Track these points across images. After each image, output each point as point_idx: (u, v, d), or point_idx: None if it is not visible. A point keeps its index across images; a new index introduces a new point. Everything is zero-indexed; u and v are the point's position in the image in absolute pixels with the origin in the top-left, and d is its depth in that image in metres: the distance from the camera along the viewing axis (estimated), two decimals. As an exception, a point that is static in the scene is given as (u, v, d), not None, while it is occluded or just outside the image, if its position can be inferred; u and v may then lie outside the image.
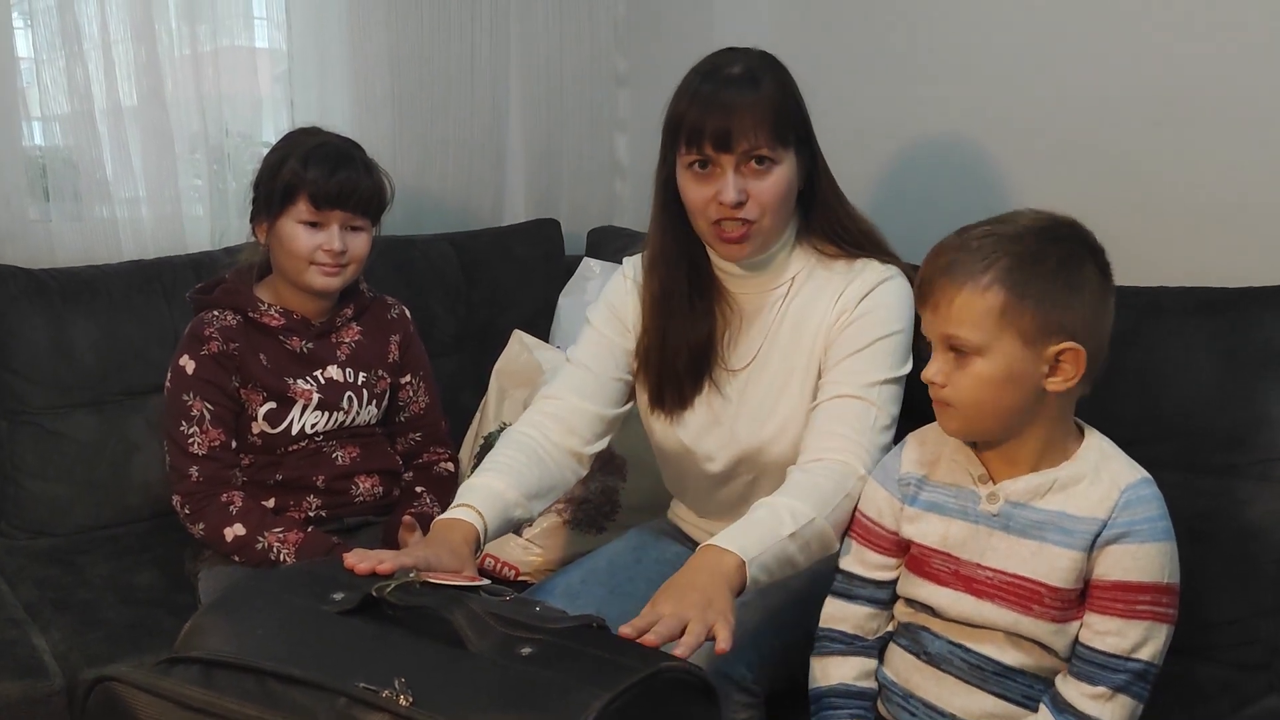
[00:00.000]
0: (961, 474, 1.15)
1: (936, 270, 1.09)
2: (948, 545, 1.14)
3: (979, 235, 1.08)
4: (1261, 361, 1.36)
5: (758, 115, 1.26)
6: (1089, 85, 1.66)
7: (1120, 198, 1.62)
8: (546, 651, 0.91)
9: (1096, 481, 1.09)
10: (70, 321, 1.76)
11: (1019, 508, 1.11)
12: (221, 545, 1.52)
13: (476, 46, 2.22)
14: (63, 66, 1.83)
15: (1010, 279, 1.04)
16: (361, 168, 1.57)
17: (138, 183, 1.94)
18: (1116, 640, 1.06)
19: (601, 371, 1.41)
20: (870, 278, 1.34)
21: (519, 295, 2.16)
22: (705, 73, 1.30)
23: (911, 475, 1.19)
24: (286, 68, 2.11)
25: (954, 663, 1.15)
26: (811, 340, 1.36)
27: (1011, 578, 1.10)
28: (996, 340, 1.05)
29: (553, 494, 1.38)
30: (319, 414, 1.60)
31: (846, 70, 1.95)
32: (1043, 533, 1.09)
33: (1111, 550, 1.06)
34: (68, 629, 1.49)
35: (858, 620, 1.22)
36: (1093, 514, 1.07)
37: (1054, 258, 1.05)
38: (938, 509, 1.16)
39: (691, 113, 1.28)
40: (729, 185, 1.27)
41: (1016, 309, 1.04)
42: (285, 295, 1.61)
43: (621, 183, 2.48)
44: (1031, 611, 1.09)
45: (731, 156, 1.27)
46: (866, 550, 1.22)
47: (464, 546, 1.21)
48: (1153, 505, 1.07)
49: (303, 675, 0.85)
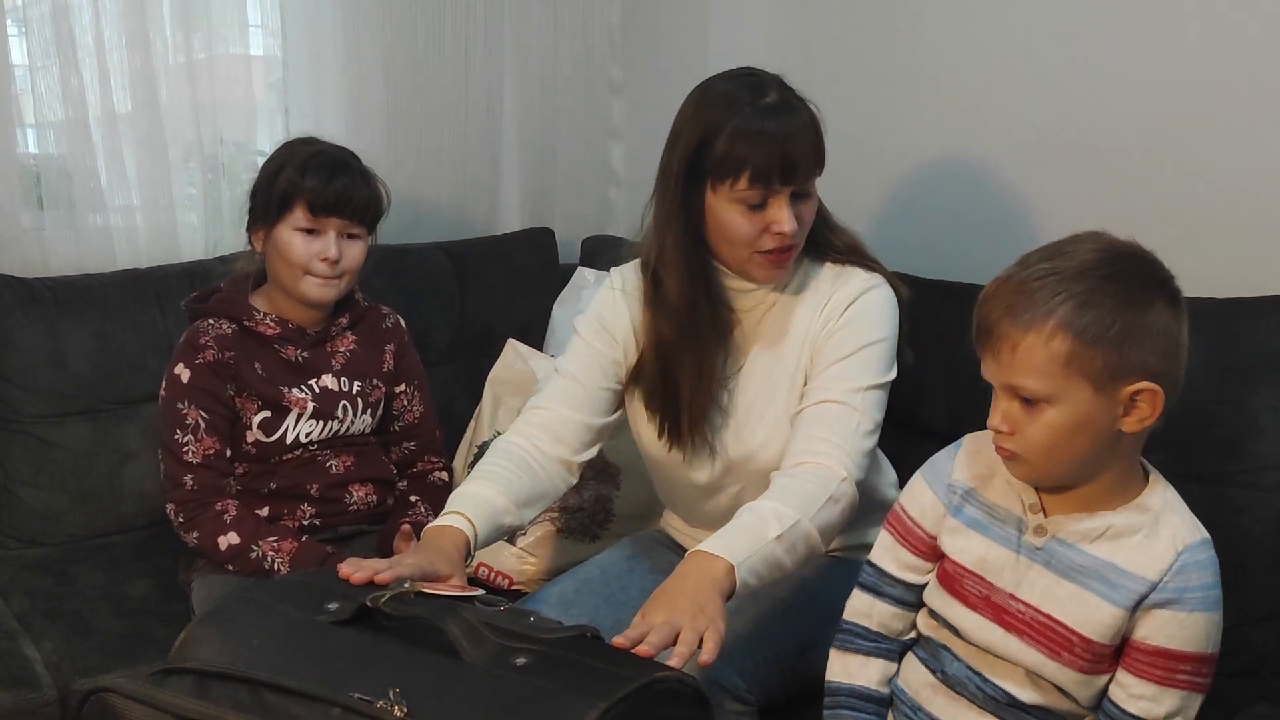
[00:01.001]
0: (1013, 498, 1.10)
1: (995, 313, 1.01)
2: (984, 569, 1.10)
3: (1039, 274, 0.99)
4: (1253, 371, 1.36)
5: (808, 143, 1.27)
6: (1082, 98, 1.67)
7: (1112, 208, 1.62)
8: (541, 661, 0.91)
9: (1154, 536, 1.02)
10: (64, 330, 1.76)
11: (1065, 546, 1.05)
12: (215, 554, 1.52)
13: (471, 54, 2.22)
14: (57, 74, 1.83)
15: (1075, 324, 0.97)
16: (358, 176, 1.58)
17: (132, 191, 1.93)
18: (1149, 705, 1.02)
19: (589, 382, 1.41)
20: (855, 286, 1.35)
21: (513, 304, 2.16)
22: (741, 102, 1.27)
23: (961, 484, 1.14)
24: (281, 76, 2.11)
25: (969, 688, 1.12)
26: (798, 349, 1.36)
27: (1044, 618, 1.06)
28: (1066, 388, 0.98)
29: (543, 501, 1.38)
30: (313, 423, 1.60)
31: (842, 80, 1.95)
32: (1085, 579, 1.04)
33: (1158, 615, 1.01)
34: (60, 639, 1.48)
35: (882, 618, 1.19)
36: (1143, 574, 1.01)
37: (1116, 297, 0.97)
38: (980, 528, 1.11)
39: (744, 147, 1.25)
40: (788, 216, 1.27)
41: (1085, 355, 0.97)
42: (281, 304, 1.61)
43: (616, 192, 2.49)
44: (1059, 658, 1.05)
45: (790, 188, 1.27)
46: (900, 548, 1.18)
47: (455, 552, 1.21)
48: (1208, 572, 1.01)
49: (297, 686, 0.85)
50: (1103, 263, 0.99)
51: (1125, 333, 0.97)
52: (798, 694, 1.30)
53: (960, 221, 1.83)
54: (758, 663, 1.26)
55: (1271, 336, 1.36)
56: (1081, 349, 0.97)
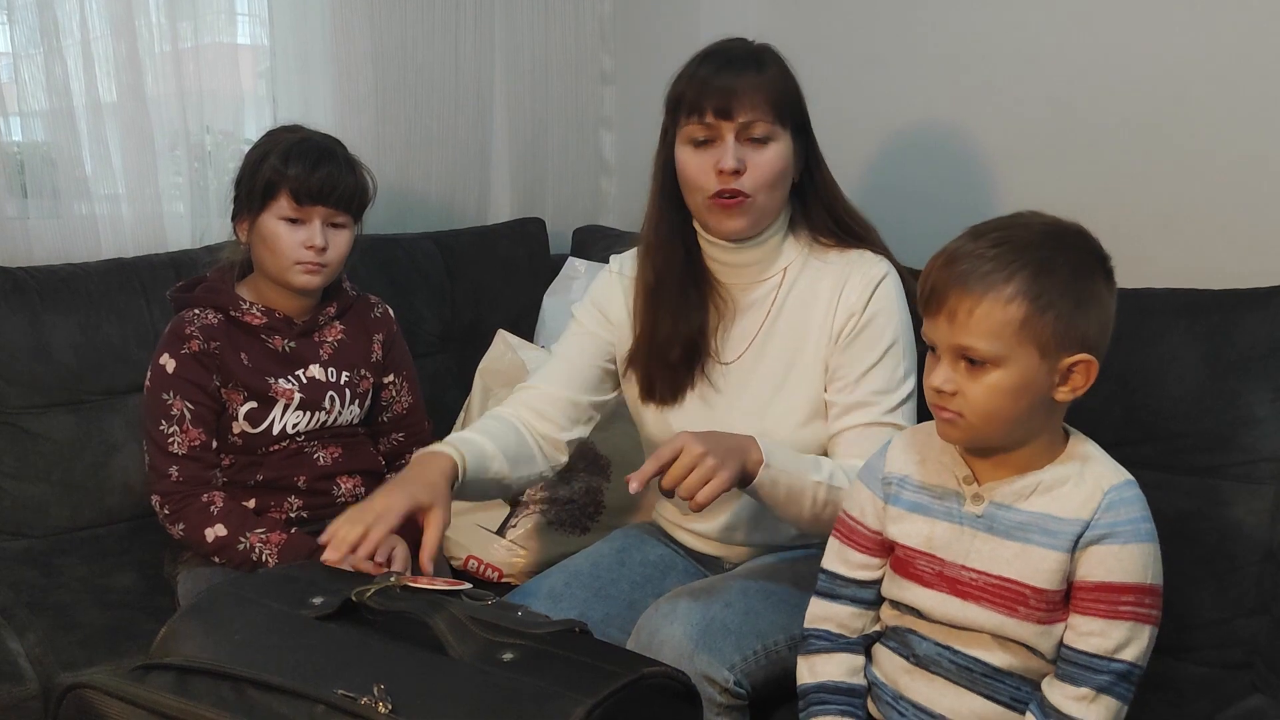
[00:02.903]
0: (946, 475, 1.15)
1: (950, 278, 1.05)
2: (932, 546, 1.14)
3: (993, 241, 1.05)
4: (1245, 363, 1.36)
5: (759, 90, 1.32)
6: (1077, 86, 1.66)
7: (1106, 198, 1.62)
8: (528, 657, 0.90)
9: (1080, 483, 1.08)
10: (48, 320, 1.74)
11: (1003, 509, 1.11)
12: (202, 546, 1.50)
13: (461, 43, 2.20)
14: (41, 62, 1.81)
15: (1032, 290, 1.02)
16: (343, 164, 1.56)
17: (117, 180, 1.92)
18: (1100, 641, 1.06)
19: (578, 359, 1.44)
20: (870, 273, 1.37)
21: (504, 295, 2.15)
22: (710, 52, 1.36)
23: (895, 475, 1.19)
24: (269, 64, 2.09)
25: (942, 664, 1.15)
26: (816, 335, 1.38)
27: (996, 579, 1.10)
28: (1015, 352, 1.03)
29: (530, 466, 1.39)
30: (300, 414, 1.59)
31: (834, 66, 1.95)
32: (1026, 534, 1.09)
33: (1094, 551, 1.06)
34: (44, 632, 1.47)
35: (841, 619, 1.22)
36: (1076, 515, 1.07)
37: (1070, 267, 1.04)
38: (922, 509, 1.16)
39: (695, 84, 1.33)
40: (729, 152, 1.31)
41: (1038, 321, 1.02)
42: (267, 293, 1.60)
43: (607, 181, 2.47)
44: (1017, 613, 1.09)
45: (732, 125, 1.31)
46: (849, 549, 1.22)
47: (441, 480, 1.22)
48: (1135, 507, 1.07)
49: (280, 682, 0.85)
50: (1054, 235, 1.06)
51: (1076, 303, 1.03)
52: (788, 688, 1.30)
53: (953, 210, 1.81)
54: (747, 657, 1.26)
55: (1263, 329, 1.36)
56: (1036, 315, 1.02)
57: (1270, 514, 1.32)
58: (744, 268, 1.41)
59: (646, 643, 1.26)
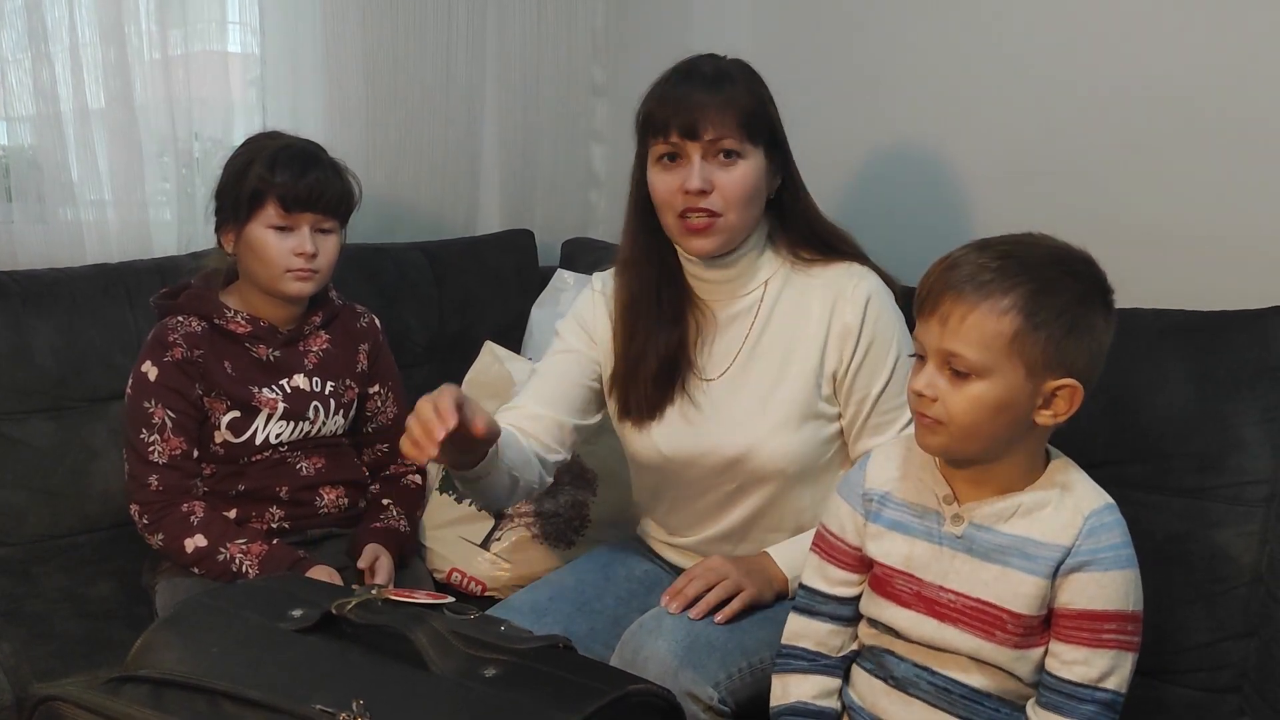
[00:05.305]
0: (927, 493, 1.14)
1: (949, 284, 1.05)
2: (911, 566, 1.13)
3: (998, 254, 1.04)
4: (1233, 384, 1.36)
5: (726, 108, 1.31)
6: (1063, 104, 1.66)
7: (1093, 218, 1.61)
8: (511, 673, 0.89)
9: (1061, 507, 1.08)
10: (30, 325, 1.72)
11: (983, 530, 1.10)
12: (181, 556, 1.49)
13: (452, 53, 2.20)
14: (29, 67, 1.80)
15: (1029, 307, 1.01)
16: (329, 169, 1.56)
17: (103, 185, 1.90)
18: (1084, 670, 1.05)
19: (562, 378, 1.42)
20: (860, 287, 1.37)
21: (491, 306, 2.14)
22: (679, 70, 1.35)
23: (875, 491, 1.18)
24: (259, 73, 2.08)
25: (921, 686, 1.14)
26: (807, 346, 1.37)
27: (974, 602, 1.09)
28: (1001, 366, 1.03)
29: (529, 471, 1.36)
30: (284, 424, 1.57)
31: (825, 82, 1.95)
32: (1006, 557, 1.08)
33: (1076, 578, 1.05)
34: (20, 641, 1.45)
35: (819, 636, 1.21)
36: (1056, 540, 1.06)
37: (1071, 292, 1.03)
38: (901, 528, 1.15)
39: (661, 103, 1.33)
40: (695, 172, 1.30)
41: (1030, 338, 1.02)
42: (253, 302, 1.58)
43: (597, 194, 2.47)
44: (994, 637, 1.08)
45: (698, 144, 1.31)
46: (829, 565, 1.21)
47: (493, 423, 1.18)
48: (1116, 532, 1.07)
49: (257, 696, 0.83)
50: (1061, 259, 1.05)
51: (1070, 328, 1.03)
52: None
53: (937, 229, 1.82)
54: (732, 674, 1.25)
55: (1251, 350, 1.36)
56: (1029, 332, 1.02)
57: (1259, 536, 1.32)
58: (722, 284, 1.40)
59: (631, 659, 1.24)
